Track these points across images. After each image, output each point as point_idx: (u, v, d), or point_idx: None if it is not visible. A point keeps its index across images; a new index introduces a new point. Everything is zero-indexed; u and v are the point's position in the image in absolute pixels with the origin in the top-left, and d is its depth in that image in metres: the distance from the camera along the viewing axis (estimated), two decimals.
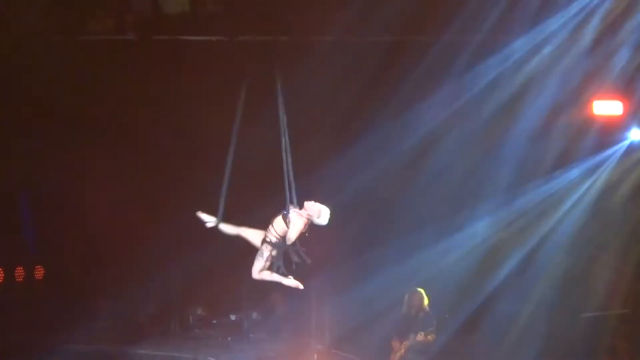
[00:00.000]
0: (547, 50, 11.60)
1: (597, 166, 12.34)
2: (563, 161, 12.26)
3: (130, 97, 11.56)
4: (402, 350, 11.18)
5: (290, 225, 8.35)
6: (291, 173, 8.79)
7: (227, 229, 8.54)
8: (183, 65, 11.42)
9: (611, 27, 11.51)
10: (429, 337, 11.13)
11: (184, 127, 11.90)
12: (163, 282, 11.79)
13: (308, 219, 8.43)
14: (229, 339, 12.06)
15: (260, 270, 8.36)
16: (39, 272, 12.28)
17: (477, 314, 12.08)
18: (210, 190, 11.68)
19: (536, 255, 12.43)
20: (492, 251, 12.47)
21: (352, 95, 11.79)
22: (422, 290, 11.44)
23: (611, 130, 12.16)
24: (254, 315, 12.40)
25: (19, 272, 12.11)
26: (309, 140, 11.69)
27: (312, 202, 8.48)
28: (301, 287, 8.46)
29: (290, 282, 8.42)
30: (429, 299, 11.41)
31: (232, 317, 11.86)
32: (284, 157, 8.79)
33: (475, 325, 12.10)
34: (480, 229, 12.39)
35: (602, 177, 12.46)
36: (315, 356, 11.69)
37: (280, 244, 8.36)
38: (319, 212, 8.50)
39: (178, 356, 11.64)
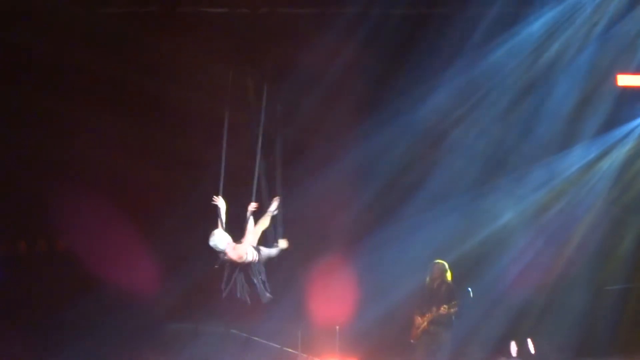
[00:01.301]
0: (575, 22, 11.57)
1: (620, 139, 12.32)
2: (586, 134, 12.24)
3: (150, 69, 11.50)
4: (425, 324, 11.02)
5: None
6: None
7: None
8: (204, 37, 11.38)
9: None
10: (451, 310, 10.86)
11: (205, 100, 11.82)
12: (184, 254, 11.74)
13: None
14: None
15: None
16: (61, 244, 12.28)
17: (500, 287, 12.07)
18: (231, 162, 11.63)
19: (559, 228, 12.41)
20: (515, 224, 12.46)
21: (375, 67, 11.77)
22: (444, 263, 11.22)
23: (634, 103, 12.13)
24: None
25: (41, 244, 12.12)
26: (331, 110, 11.71)
27: None
28: None
29: None
30: (451, 271, 11.29)
31: None
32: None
33: (499, 298, 12.09)
34: (502, 203, 12.37)
35: (624, 150, 12.44)
36: (337, 328, 11.69)
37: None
38: None
39: (201, 328, 11.67)
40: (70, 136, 11.70)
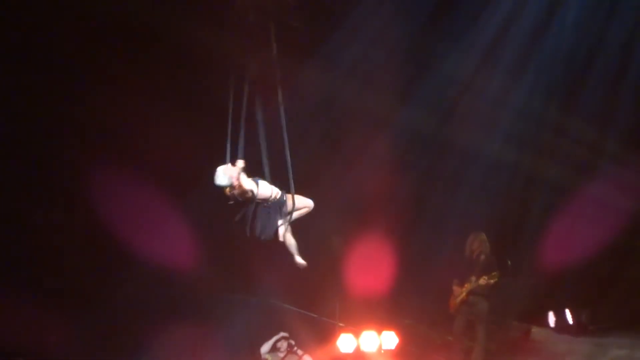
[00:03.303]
0: None
1: None
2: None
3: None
4: (464, 294, 10.99)
5: None
6: None
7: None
8: None
9: None
10: (491, 281, 10.79)
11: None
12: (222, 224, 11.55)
13: None
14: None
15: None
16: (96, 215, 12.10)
17: (539, 257, 12.01)
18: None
19: (590, 192, 12.28)
20: (553, 192, 12.36)
21: (415, 31, 11.51)
22: (484, 234, 11.16)
23: None
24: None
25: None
26: (372, 81, 11.51)
27: None
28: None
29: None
30: (490, 242, 11.17)
31: None
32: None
33: (536, 268, 12.04)
34: (547, 171, 12.29)
35: None
36: (376, 299, 11.65)
37: None
38: None
39: (239, 298, 11.65)
40: (104, 100, 11.35)
